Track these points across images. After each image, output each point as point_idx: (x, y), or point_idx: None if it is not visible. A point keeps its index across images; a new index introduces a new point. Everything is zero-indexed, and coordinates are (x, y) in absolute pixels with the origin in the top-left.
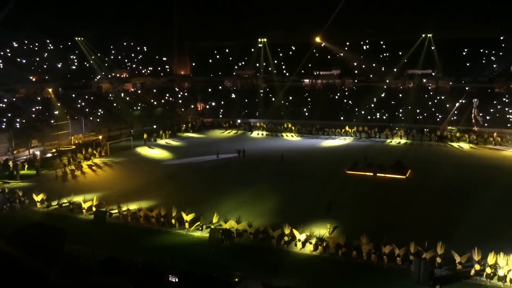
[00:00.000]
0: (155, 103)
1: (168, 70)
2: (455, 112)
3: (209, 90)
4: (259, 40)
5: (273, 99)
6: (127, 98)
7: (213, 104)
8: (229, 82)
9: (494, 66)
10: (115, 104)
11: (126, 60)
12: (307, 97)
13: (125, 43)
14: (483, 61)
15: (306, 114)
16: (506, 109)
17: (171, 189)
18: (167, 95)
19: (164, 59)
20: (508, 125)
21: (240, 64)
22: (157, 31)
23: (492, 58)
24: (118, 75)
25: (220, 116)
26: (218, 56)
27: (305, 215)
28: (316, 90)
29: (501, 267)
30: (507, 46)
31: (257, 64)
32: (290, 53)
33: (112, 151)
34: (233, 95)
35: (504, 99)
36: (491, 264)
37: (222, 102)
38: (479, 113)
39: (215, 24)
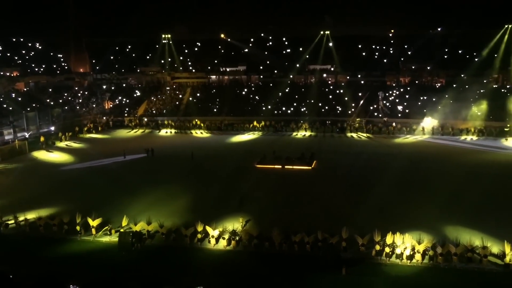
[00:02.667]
0: (51, 103)
1: (65, 67)
2: (354, 105)
3: (112, 88)
4: (163, 36)
5: (181, 95)
6: (19, 99)
7: (118, 102)
8: (133, 79)
9: (385, 61)
10: (5, 106)
11: (16, 58)
12: (215, 94)
13: (14, 39)
14: (376, 57)
15: (215, 110)
16: (397, 100)
17: (74, 194)
18: (65, 94)
19: (60, 56)
20: (399, 115)
21: (144, 60)
22: (51, 27)
23: (383, 53)
24: (7, 74)
25: (126, 115)
26: (120, 53)
27: (217, 211)
28: (223, 86)
29: (398, 246)
30: (396, 43)
31: (162, 61)
32: (196, 49)
33: (3, 157)
34: (138, 93)
35: (394, 91)
36: (389, 243)
37: (128, 100)
38: (385, 104)
39: (115, 20)
